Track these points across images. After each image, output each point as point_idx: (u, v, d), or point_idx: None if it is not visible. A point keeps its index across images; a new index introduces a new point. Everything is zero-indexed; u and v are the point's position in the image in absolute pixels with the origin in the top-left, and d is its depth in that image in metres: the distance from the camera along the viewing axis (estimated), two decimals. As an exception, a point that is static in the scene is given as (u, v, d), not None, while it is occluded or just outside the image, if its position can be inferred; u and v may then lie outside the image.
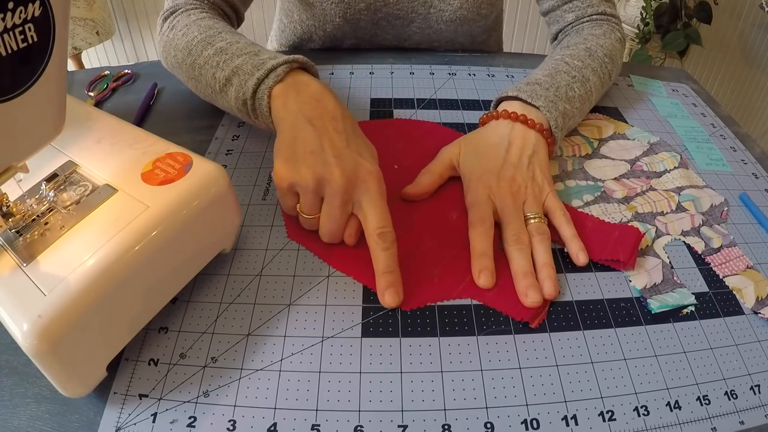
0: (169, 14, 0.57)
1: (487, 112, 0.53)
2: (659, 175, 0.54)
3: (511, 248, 0.42)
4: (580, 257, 0.43)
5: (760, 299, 0.42)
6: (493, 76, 0.69)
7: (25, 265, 0.32)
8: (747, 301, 0.42)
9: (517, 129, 0.49)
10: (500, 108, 0.52)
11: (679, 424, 0.34)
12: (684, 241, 0.47)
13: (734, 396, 0.36)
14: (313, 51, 0.80)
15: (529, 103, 0.51)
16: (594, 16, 0.64)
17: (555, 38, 0.68)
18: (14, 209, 0.34)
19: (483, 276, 0.41)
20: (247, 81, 0.46)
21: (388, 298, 0.39)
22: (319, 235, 0.43)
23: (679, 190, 0.52)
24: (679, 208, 0.50)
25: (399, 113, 0.61)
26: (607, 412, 0.35)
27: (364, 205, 0.41)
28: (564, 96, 0.52)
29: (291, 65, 0.46)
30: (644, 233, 0.46)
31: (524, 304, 0.40)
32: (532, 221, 0.44)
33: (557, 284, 0.41)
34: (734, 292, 0.43)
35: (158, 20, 0.58)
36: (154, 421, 0.33)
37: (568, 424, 0.34)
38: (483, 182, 0.46)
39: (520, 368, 0.37)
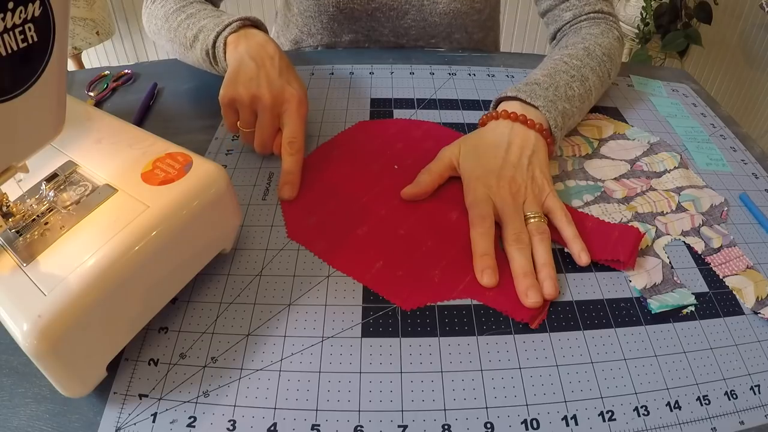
0: None
1: (486, 112, 0.53)
2: (659, 175, 0.54)
3: (511, 248, 0.43)
4: (582, 258, 0.43)
5: (760, 299, 0.42)
6: (493, 76, 0.69)
7: (25, 265, 0.32)
8: (747, 301, 0.42)
9: (517, 129, 0.49)
10: (499, 108, 0.52)
11: (679, 424, 0.34)
12: (684, 241, 0.47)
13: (734, 396, 0.36)
14: (315, 50, 0.80)
15: (528, 103, 0.51)
16: (591, 15, 0.64)
17: (553, 38, 0.68)
18: (14, 209, 0.34)
19: (486, 275, 0.41)
20: (209, 35, 0.55)
21: (286, 191, 0.48)
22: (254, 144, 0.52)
23: (679, 190, 0.52)
24: (679, 208, 0.50)
25: (399, 113, 0.61)
26: (607, 412, 0.35)
27: (284, 119, 0.50)
28: (563, 95, 0.52)
29: (244, 22, 0.55)
30: (644, 233, 0.46)
31: (525, 304, 0.40)
32: (532, 221, 0.44)
33: (557, 284, 0.41)
34: (734, 292, 0.43)
35: None
36: (154, 421, 0.33)
37: (568, 424, 0.34)
38: (483, 182, 0.46)
39: (520, 368, 0.37)
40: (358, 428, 0.33)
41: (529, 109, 0.51)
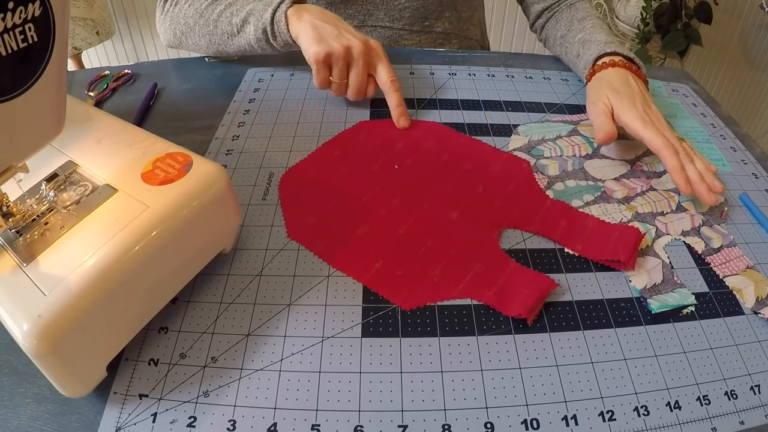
0: None
1: (599, 63, 0.61)
2: (659, 175, 0.54)
3: (683, 157, 0.50)
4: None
5: (760, 299, 0.42)
6: (493, 76, 0.69)
7: (25, 265, 0.32)
8: (747, 301, 0.42)
9: (629, 75, 0.58)
10: (605, 60, 0.61)
11: (679, 424, 0.34)
12: (684, 241, 0.47)
13: (734, 396, 0.36)
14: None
15: (620, 54, 0.61)
16: None
17: (539, 16, 0.76)
18: (14, 209, 0.34)
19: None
20: (263, 14, 0.59)
21: (403, 121, 0.58)
22: (348, 95, 0.59)
23: (679, 190, 0.52)
24: (679, 208, 0.50)
25: (399, 113, 0.61)
26: (607, 412, 0.35)
27: (377, 65, 0.58)
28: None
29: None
30: (644, 233, 0.46)
31: (706, 201, 0.48)
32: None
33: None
34: (734, 292, 0.43)
35: (158, 4, 0.68)
36: (154, 421, 0.33)
37: (568, 424, 0.34)
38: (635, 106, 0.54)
39: (520, 368, 0.37)
40: (358, 428, 0.33)
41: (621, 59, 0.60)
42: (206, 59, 0.71)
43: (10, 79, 0.27)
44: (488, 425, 0.34)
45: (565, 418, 0.34)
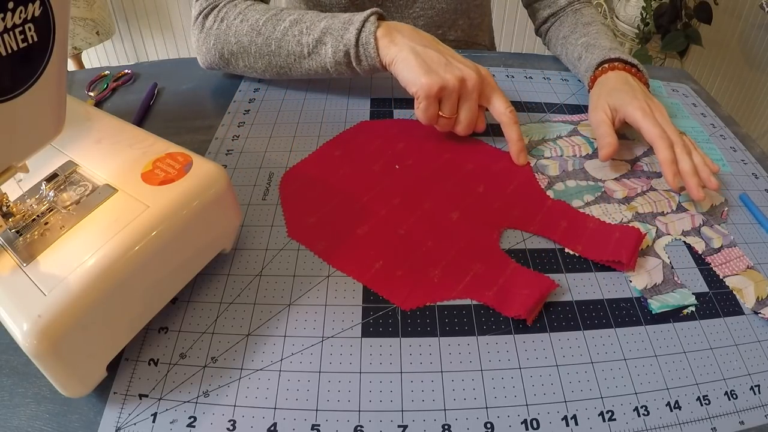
0: (210, 10, 0.59)
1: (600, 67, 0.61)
2: (659, 175, 0.54)
3: (679, 152, 0.50)
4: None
5: (760, 299, 0.42)
6: (494, 76, 0.68)
7: (25, 265, 0.32)
8: (747, 301, 0.42)
9: (626, 74, 0.58)
10: (607, 65, 0.60)
11: (679, 424, 0.34)
12: (684, 241, 0.47)
13: (734, 396, 0.36)
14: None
15: (622, 60, 0.60)
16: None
17: (545, 21, 0.76)
18: (14, 209, 0.34)
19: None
20: (344, 35, 0.53)
21: (522, 158, 0.53)
22: (456, 131, 0.54)
23: (679, 189, 0.52)
24: (680, 208, 0.50)
25: (399, 113, 0.61)
26: (607, 412, 0.35)
27: (491, 96, 0.53)
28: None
29: (377, 14, 0.53)
30: (645, 234, 0.46)
31: (695, 198, 0.48)
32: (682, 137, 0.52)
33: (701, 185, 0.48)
34: (734, 292, 0.43)
35: (195, 20, 0.60)
36: (154, 421, 0.33)
37: (568, 424, 0.34)
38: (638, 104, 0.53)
39: (520, 368, 0.37)
40: (358, 428, 0.33)
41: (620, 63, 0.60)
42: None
43: (10, 79, 0.27)
44: (488, 425, 0.34)
45: (565, 418, 0.34)
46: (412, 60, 0.50)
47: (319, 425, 0.34)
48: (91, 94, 0.64)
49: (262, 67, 0.59)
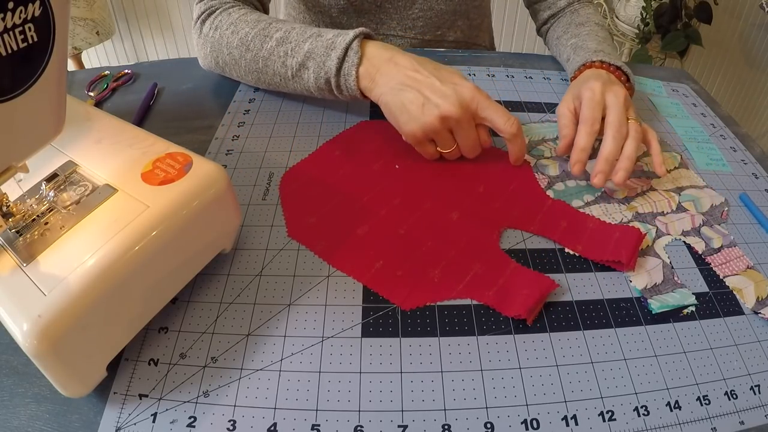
0: (207, 15, 0.59)
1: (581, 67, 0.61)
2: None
3: (608, 135, 0.49)
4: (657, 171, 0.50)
5: (760, 299, 0.42)
6: (493, 76, 0.69)
7: (25, 265, 0.32)
8: (747, 301, 0.42)
9: (603, 73, 0.57)
10: (585, 65, 0.60)
11: (679, 424, 0.34)
12: (684, 241, 0.47)
13: (734, 396, 0.36)
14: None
15: (606, 62, 0.60)
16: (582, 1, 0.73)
17: (545, 23, 0.76)
18: (14, 209, 0.34)
19: (576, 168, 0.49)
20: (325, 62, 0.51)
21: (515, 157, 0.52)
22: (463, 155, 0.53)
23: (679, 190, 0.52)
24: (680, 208, 0.50)
25: (399, 113, 0.60)
26: (607, 412, 0.35)
27: (485, 115, 0.49)
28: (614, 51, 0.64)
29: (360, 37, 0.52)
30: (645, 234, 0.46)
31: (591, 182, 0.48)
32: (632, 121, 0.51)
33: (628, 176, 0.48)
34: (734, 292, 0.43)
35: (194, 24, 0.61)
36: (154, 421, 0.33)
37: (568, 424, 0.34)
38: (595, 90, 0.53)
39: (520, 368, 0.37)
40: (358, 428, 0.33)
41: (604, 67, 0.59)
42: None
43: (10, 79, 0.27)
44: (488, 425, 0.34)
45: (565, 418, 0.34)
46: (391, 107, 0.50)
47: (319, 425, 0.34)
48: (91, 94, 0.64)
49: (252, 80, 0.59)
